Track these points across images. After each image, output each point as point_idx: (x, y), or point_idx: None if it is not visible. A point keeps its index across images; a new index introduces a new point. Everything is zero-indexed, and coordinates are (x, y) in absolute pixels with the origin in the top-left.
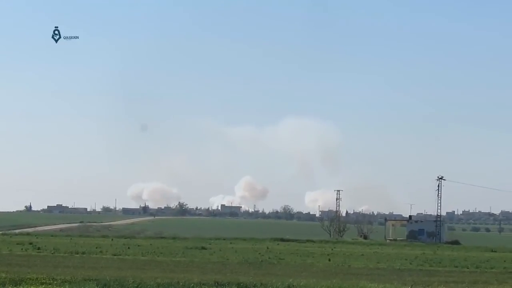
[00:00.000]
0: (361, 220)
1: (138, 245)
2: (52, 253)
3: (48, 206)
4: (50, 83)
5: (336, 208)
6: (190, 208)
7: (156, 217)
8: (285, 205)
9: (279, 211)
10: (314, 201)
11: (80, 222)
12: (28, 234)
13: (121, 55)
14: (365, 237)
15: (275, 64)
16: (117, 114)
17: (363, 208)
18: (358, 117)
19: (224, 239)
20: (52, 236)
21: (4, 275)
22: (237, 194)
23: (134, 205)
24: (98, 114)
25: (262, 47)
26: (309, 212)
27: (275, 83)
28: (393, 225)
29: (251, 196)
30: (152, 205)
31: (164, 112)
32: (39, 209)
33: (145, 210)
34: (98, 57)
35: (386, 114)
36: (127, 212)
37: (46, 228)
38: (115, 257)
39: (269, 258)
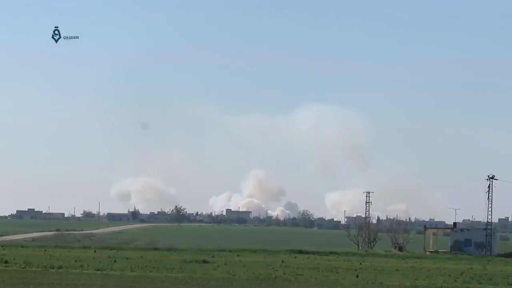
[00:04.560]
0: (396, 228)
1: (126, 258)
2: (23, 268)
3: (17, 211)
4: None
5: (366, 213)
6: (189, 213)
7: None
8: (303, 210)
9: (296, 217)
10: (338, 204)
11: (56, 230)
12: None
13: (121, 55)
14: (400, 249)
15: (287, 40)
16: (108, 108)
17: (398, 213)
18: (390, 103)
19: (230, 251)
20: (22, 247)
21: None
22: (244, 193)
23: (121, 209)
24: (89, 108)
25: (272, 23)
26: (332, 219)
27: (288, 64)
28: (434, 234)
29: (263, 198)
30: (143, 210)
31: (159, 101)
32: (6, 215)
33: (134, 215)
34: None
35: (423, 100)
36: (112, 217)
37: (15, 237)
38: (98, 272)
39: (284, 273)
